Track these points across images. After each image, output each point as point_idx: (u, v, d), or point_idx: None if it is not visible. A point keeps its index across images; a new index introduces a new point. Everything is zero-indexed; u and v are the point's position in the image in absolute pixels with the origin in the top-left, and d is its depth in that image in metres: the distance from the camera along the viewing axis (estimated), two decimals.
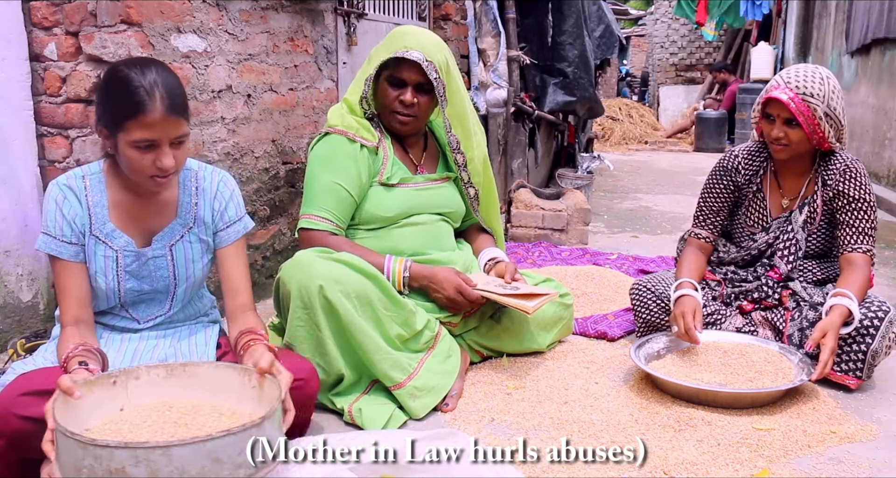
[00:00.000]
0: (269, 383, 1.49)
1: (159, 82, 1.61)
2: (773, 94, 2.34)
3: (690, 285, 2.45)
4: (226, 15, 2.87)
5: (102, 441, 1.22)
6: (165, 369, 1.55)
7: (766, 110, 2.40)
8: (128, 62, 1.68)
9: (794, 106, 2.30)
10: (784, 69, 2.45)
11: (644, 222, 5.27)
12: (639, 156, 10.01)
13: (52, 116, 2.56)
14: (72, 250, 1.73)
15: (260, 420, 1.31)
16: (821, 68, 2.38)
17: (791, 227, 2.49)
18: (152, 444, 1.22)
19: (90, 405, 1.43)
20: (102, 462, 1.21)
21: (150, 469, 1.20)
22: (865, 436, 2.00)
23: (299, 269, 2.05)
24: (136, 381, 1.52)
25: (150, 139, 1.61)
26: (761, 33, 12.06)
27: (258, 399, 1.50)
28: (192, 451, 1.22)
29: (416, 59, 2.22)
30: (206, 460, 1.23)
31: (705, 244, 2.62)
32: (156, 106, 1.59)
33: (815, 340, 2.18)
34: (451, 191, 2.50)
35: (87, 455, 1.22)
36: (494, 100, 4.91)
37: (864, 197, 2.40)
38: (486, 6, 4.87)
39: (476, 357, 2.46)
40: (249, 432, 1.29)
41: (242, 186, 3.02)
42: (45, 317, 2.58)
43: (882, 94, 6.51)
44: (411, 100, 2.27)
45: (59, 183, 1.74)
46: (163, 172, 1.65)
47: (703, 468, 1.81)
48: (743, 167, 2.55)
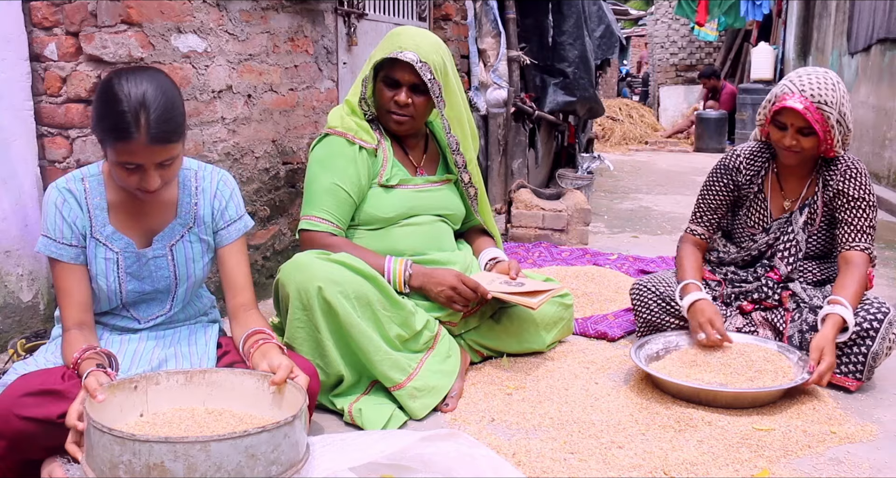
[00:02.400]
0: (290, 388, 1.50)
1: (150, 106, 1.55)
2: (788, 104, 2.29)
3: (698, 288, 2.42)
4: (226, 15, 2.87)
5: (143, 436, 1.25)
6: (185, 376, 1.56)
7: (778, 118, 2.36)
8: (125, 74, 1.60)
9: (810, 115, 2.26)
10: (793, 74, 2.39)
11: (644, 223, 5.27)
12: (639, 156, 10.00)
13: (52, 116, 2.56)
14: (72, 253, 1.73)
15: (292, 418, 1.33)
16: (830, 73, 2.36)
17: (791, 228, 2.49)
18: (192, 439, 1.23)
19: (111, 409, 1.44)
20: (141, 458, 1.22)
21: (188, 464, 1.22)
22: (865, 436, 2.00)
23: (298, 270, 2.05)
24: (156, 386, 1.53)
25: (134, 163, 1.59)
26: (761, 33, 12.07)
27: (278, 404, 1.51)
28: (230, 446, 1.24)
29: (410, 60, 2.23)
30: (243, 455, 1.25)
31: (700, 241, 2.62)
32: (140, 135, 1.54)
33: (815, 360, 2.18)
34: (450, 193, 2.50)
35: (125, 451, 1.23)
36: (495, 100, 4.91)
37: (865, 196, 2.39)
38: (486, 6, 4.87)
39: (476, 357, 2.47)
40: (283, 430, 1.31)
41: (242, 186, 3.02)
42: (45, 317, 2.58)
43: (882, 95, 6.51)
44: (405, 100, 2.27)
45: (59, 186, 1.74)
46: (145, 191, 1.64)
47: (703, 468, 1.81)
48: (745, 167, 2.54)
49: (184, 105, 1.68)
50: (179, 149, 1.64)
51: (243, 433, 1.26)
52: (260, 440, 1.27)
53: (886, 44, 6.46)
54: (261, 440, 1.27)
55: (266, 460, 1.28)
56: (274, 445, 1.29)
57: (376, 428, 1.98)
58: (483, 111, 4.91)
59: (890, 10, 6.32)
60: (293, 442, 1.34)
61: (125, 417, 1.47)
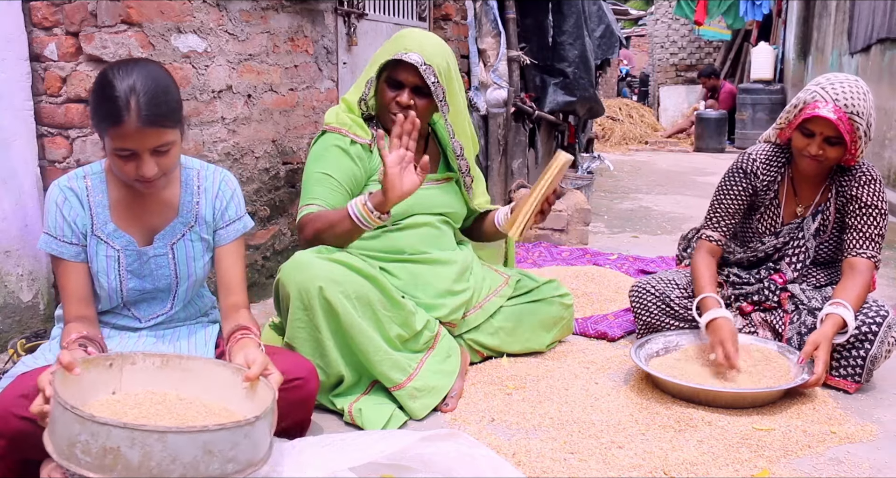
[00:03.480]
0: (263, 385, 1.50)
1: (139, 90, 1.56)
2: (821, 113, 2.21)
3: (717, 303, 2.35)
4: (226, 15, 2.87)
5: (102, 419, 1.23)
6: (161, 359, 1.56)
7: (806, 125, 2.28)
8: (117, 65, 1.63)
9: (842, 125, 2.21)
10: (823, 79, 2.30)
11: (644, 223, 5.27)
12: (639, 156, 10.00)
13: (52, 116, 2.56)
14: (73, 251, 1.74)
15: (254, 419, 1.32)
16: (860, 81, 2.28)
17: (802, 234, 2.45)
18: (150, 428, 1.23)
19: (84, 384, 1.43)
20: (98, 440, 1.21)
21: (144, 452, 1.21)
22: (865, 436, 2.00)
23: (298, 270, 2.05)
24: (132, 366, 1.52)
25: (129, 149, 1.60)
26: (761, 33, 12.09)
27: (251, 399, 1.51)
28: (188, 440, 1.23)
29: (414, 62, 2.23)
30: (199, 450, 1.25)
31: (716, 247, 2.54)
32: (130, 117, 1.55)
33: (807, 353, 2.18)
34: (451, 191, 2.50)
35: (83, 431, 1.22)
36: (495, 100, 4.91)
37: (876, 203, 2.35)
38: (486, 6, 4.87)
39: (476, 357, 2.47)
40: (244, 429, 1.30)
41: (243, 186, 3.02)
42: (45, 317, 2.58)
43: (882, 95, 6.51)
44: (407, 102, 2.27)
45: (61, 184, 1.75)
46: (143, 180, 1.64)
47: (703, 468, 1.81)
48: (762, 172, 2.47)
49: (178, 92, 1.68)
50: (174, 136, 1.64)
51: (202, 428, 1.25)
52: (219, 437, 1.26)
53: (886, 44, 6.46)
54: (220, 437, 1.26)
55: (223, 457, 1.27)
56: (233, 443, 1.28)
57: (376, 428, 1.98)
58: (483, 111, 4.91)
59: (890, 10, 6.31)
60: (253, 442, 1.33)
61: (97, 393, 1.47)
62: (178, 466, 1.23)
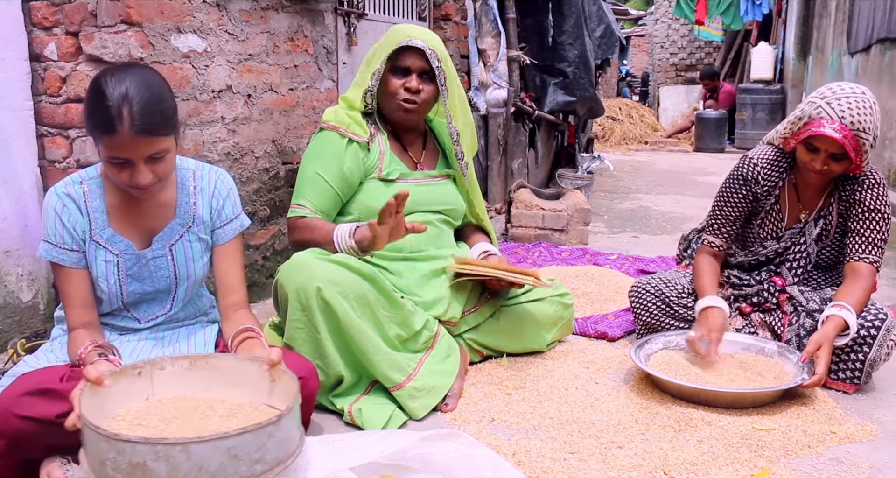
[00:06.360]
0: (288, 378, 1.49)
1: (132, 99, 1.55)
2: (826, 132, 2.18)
3: (716, 294, 2.39)
4: (226, 15, 2.87)
5: (124, 437, 1.24)
6: (189, 361, 1.57)
7: (810, 142, 2.26)
8: (110, 72, 1.61)
9: (848, 143, 2.19)
10: (828, 92, 2.25)
11: (644, 223, 5.26)
12: (639, 156, 10.00)
13: (52, 116, 2.56)
14: (73, 258, 1.74)
15: (276, 418, 1.32)
16: (867, 93, 2.24)
17: (804, 239, 2.45)
18: (171, 440, 1.23)
19: (116, 395, 1.45)
20: (125, 456, 1.23)
21: (170, 464, 1.22)
22: (865, 436, 2.00)
23: (297, 271, 2.05)
24: (161, 371, 1.53)
25: (122, 157, 1.59)
26: (761, 33, 12.07)
27: (276, 393, 1.51)
28: (211, 447, 1.24)
29: (420, 46, 2.28)
30: (225, 456, 1.25)
31: (718, 252, 2.55)
32: (123, 127, 1.54)
33: (809, 353, 2.17)
34: (450, 188, 2.50)
35: (110, 449, 1.24)
36: (494, 100, 4.91)
37: (880, 207, 2.34)
38: (486, 6, 4.87)
39: (476, 357, 2.46)
40: (267, 429, 1.31)
41: (242, 186, 3.02)
42: (45, 317, 2.58)
43: (882, 95, 6.51)
44: (417, 86, 2.31)
45: (58, 191, 1.74)
46: (138, 187, 1.64)
47: (703, 468, 1.81)
48: (763, 178, 2.45)
49: (173, 99, 1.67)
50: (168, 143, 1.63)
51: (224, 435, 1.25)
52: (242, 441, 1.27)
53: (886, 44, 6.46)
54: (243, 441, 1.27)
55: (249, 459, 1.28)
56: (258, 445, 1.29)
57: (376, 428, 1.98)
58: (483, 111, 4.91)
59: (890, 10, 6.31)
60: (279, 441, 1.33)
61: (130, 401, 1.48)
62: (206, 473, 1.24)
